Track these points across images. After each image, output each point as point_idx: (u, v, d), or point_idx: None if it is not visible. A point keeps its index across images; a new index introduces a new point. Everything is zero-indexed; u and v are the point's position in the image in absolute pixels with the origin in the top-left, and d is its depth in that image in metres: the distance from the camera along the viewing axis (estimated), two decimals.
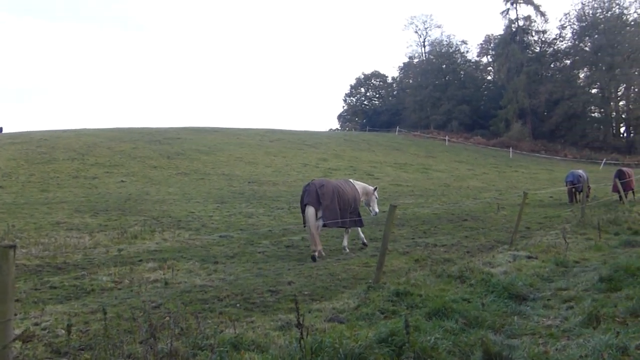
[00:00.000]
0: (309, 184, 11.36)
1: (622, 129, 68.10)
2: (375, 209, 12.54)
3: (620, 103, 66.82)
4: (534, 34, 70.88)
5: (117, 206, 18.72)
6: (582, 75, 68.33)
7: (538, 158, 54.97)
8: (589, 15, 65.64)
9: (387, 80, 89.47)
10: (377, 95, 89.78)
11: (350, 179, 12.61)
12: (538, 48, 71.29)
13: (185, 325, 5.52)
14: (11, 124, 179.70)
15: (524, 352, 4.65)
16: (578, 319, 5.60)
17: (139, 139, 39.95)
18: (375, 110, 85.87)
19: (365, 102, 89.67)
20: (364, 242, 11.94)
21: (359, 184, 12.37)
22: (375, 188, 12.88)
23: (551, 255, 9.88)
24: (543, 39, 71.20)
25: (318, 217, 10.89)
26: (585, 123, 64.86)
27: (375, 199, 12.64)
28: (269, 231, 14.12)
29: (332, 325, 5.73)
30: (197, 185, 25.98)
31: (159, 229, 14.31)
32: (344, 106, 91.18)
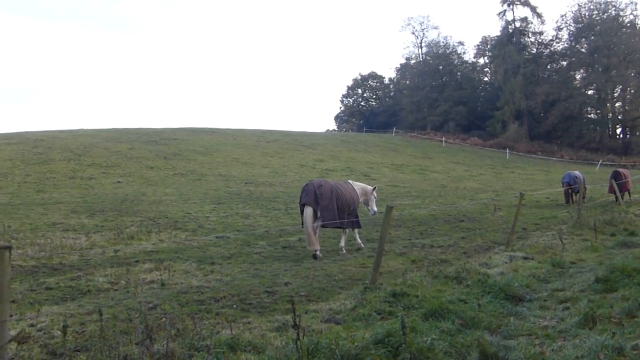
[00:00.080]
0: (307, 183, 11.44)
1: (618, 130, 68.41)
2: (374, 208, 12.60)
3: (617, 104, 67.13)
4: (530, 35, 71.01)
5: (114, 207, 18.66)
6: (578, 77, 68.52)
7: (534, 159, 55.10)
8: (585, 16, 65.89)
9: (384, 81, 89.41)
10: (374, 96, 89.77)
11: (349, 180, 12.64)
12: (535, 49, 71.42)
13: (182, 326, 5.53)
14: (7, 124, 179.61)
15: (520, 353, 4.67)
16: (574, 319, 5.62)
17: (135, 140, 39.85)
18: (372, 111, 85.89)
19: (362, 103, 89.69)
20: (359, 247, 11.90)
21: (358, 185, 12.41)
22: (374, 187, 12.93)
23: (547, 256, 9.91)
24: (540, 40, 71.38)
25: (316, 217, 10.91)
26: (582, 124, 64.99)
27: (374, 198, 12.69)
28: (265, 232, 14.11)
29: (329, 326, 5.74)
30: (193, 186, 25.94)
31: (155, 230, 14.28)
32: (340, 107, 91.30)
